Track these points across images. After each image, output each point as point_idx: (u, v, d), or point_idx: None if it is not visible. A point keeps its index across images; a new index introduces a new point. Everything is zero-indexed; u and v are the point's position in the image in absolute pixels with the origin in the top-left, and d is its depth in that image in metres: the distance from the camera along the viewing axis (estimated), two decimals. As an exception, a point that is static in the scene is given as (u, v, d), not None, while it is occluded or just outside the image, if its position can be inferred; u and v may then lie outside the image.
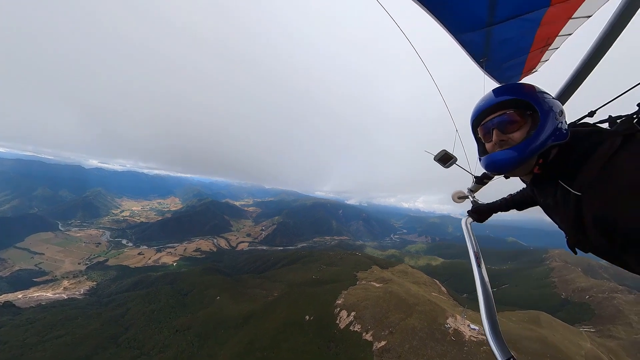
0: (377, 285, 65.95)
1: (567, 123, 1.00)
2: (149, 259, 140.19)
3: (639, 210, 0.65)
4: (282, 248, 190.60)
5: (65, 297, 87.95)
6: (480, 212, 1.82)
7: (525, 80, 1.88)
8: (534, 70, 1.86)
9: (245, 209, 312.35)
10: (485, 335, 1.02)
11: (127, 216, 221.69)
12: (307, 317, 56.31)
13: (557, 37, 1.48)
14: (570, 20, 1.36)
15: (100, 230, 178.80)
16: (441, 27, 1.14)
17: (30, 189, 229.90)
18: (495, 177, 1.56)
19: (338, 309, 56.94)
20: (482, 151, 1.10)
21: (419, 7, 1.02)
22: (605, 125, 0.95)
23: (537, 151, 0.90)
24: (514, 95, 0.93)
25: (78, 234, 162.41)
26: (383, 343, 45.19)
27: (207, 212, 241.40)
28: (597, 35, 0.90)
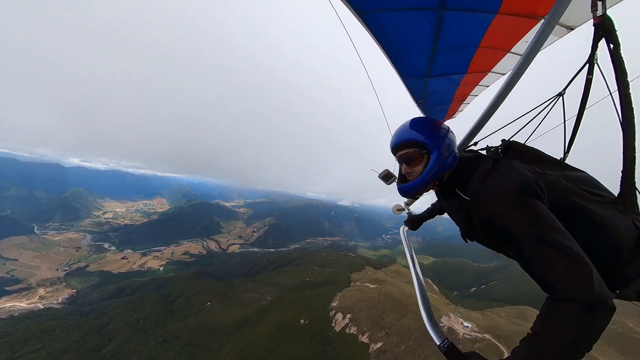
0: (372, 286, 66.38)
1: (464, 149, 1.45)
2: (134, 263, 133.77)
3: (501, 211, 0.97)
4: (274, 250, 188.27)
5: (42, 307, 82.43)
6: (413, 222, 2.23)
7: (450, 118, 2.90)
8: (454, 116, 2.63)
9: (236, 210, 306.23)
10: (424, 323, 1.20)
11: (110, 218, 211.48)
12: (302, 321, 55.68)
13: (477, 86, 2.16)
14: (479, 84, 2.14)
15: (81, 233, 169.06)
16: (393, 69, 1.57)
17: (2, 189, 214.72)
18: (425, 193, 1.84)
19: (333, 312, 56.75)
20: (400, 175, 1.45)
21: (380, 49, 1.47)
22: (485, 151, 1.38)
23: (430, 182, 1.26)
24: (413, 138, 1.23)
25: (56, 238, 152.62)
26: (379, 344, 45.45)
27: (196, 214, 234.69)
28: (498, 90, 1.20)
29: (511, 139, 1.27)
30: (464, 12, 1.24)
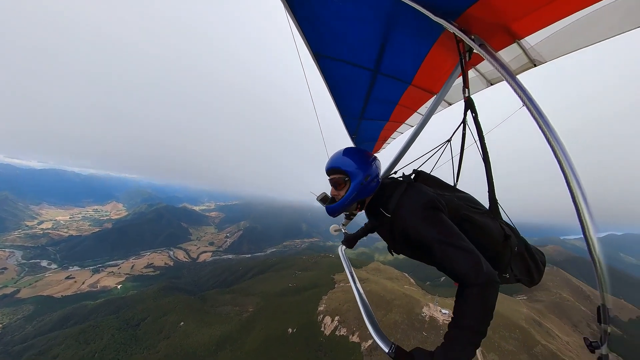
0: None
1: (387, 176, 1.79)
2: (83, 283, 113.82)
3: (414, 223, 1.24)
4: (250, 255, 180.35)
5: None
6: (349, 241, 2.45)
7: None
8: (379, 151, 3.29)
9: (207, 214, 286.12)
10: (370, 333, 1.29)
11: (48, 229, 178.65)
12: (290, 330, 54.10)
13: (396, 132, 2.86)
14: (397, 130, 2.91)
15: (7, 250, 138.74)
16: (335, 107, 1.96)
17: None
18: (357, 214, 2.10)
19: (321, 316, 56.23)
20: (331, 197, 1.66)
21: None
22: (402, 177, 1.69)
23: (349, 205, 1.50)
24: (338, 166, 1.47)
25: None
26: (370, 342, 46.44)
27: (160, 220, 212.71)
28: (408, 136, 1.78)
29: (419, 169, 1.69)
30: (390, 77, 1.74)
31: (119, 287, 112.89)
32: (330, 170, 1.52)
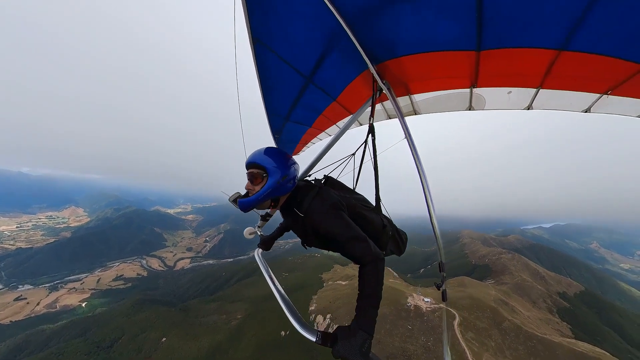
0: (344, 283, 68.82)
1: (303, 179, 1.95)
2: (38, 304, 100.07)
3: (323, 220, 1.51)
4: (232, 260, 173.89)
5: None
6: (266, 243, 2.53)
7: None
8: (298, 153, 3.49)
9: (183, 217, 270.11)
10: (296, 329, 1.37)
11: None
12: (283, 333, 53.51)
13: (316, 137, 3.08)
14: (317, 137, 3.12)
15: None
16: (262, 104, 2.04)
17: None
18: (273, 214, 2.34)
19: (313, 315, 56.64)
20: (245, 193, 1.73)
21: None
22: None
23: (263, 200, 1.59)
24: (258, 161, 1.55)
25: None
26: None
27: (129, 226, 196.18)
28: (325, 145, 2.13)
29: (329, 175, 2.02)
30: (320, 89, 1.96)
31: (83, 305, 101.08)
32: (250, 164, 1.59)
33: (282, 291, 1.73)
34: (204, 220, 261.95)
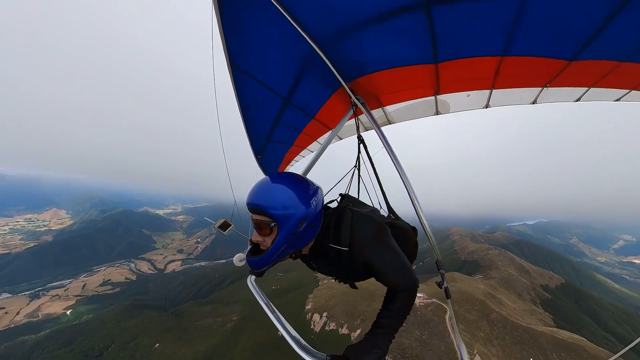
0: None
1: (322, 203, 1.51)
2: (17, 313, 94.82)
3: (376, 252, 1.28)
4: (225, 261, 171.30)
5: None
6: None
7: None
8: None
9: (173, 218, 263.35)
10: (302, 356, 1.29)
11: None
12: (280, 334, 53.21)
13: (305, 150, 3.11)
14: (299, 154, 3.17)
15: None
16: (242, 125, 2.07)
17: None
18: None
19: (310, 314, 57.03)
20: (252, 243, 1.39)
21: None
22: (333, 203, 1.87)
23: (277, 260, 1.24)
24: (262, 206, 1.13)
25: None
26: (359, 331, 49.20)
27: (116, 228, 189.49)
28: (309, 161, 2.17)
29: (345, 193, 1.94)
30: (298, 109, 1.99)
31: (68, 312, 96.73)
32: (253, 208, 1.16)
33: (283, 320, 1.60)
34: (195, 221, 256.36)
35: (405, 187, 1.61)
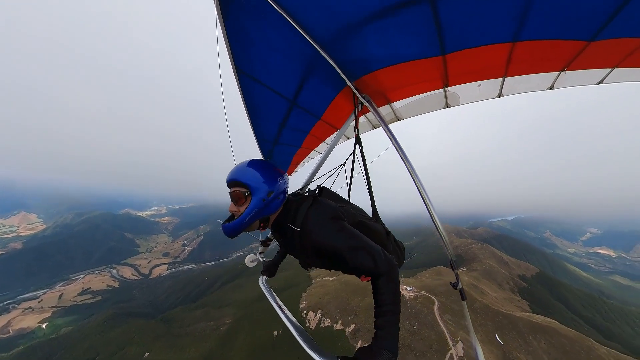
0: (331, 279, 70.80)
1: (295, 194, 1.76)
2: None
3: (325, 236, 1.34)
4: (214, 263, 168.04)
5: None
6: (269, 269, 2.34)
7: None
8: (292, 174, 3.50)
9: (157, 220, 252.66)
10: (313, 357, 1.30)
11: None
12: (276, 333, 53.86)
13: (313, 151, 3.16)
14: (308, 155, 3.19)
15: None
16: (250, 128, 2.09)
17: None
18: (273, 238, 2.35)
19: (304, 312, 57.62)
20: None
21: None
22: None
23: (249, 223, 1.42)
24: (238, 178, 1.38)
25: None
26: (352, 326, 50.75)
27: (94, 232, 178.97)
28: (316, 162, 2.15)
29: (322, 185, 1.93)
30: (304, 110, 2.00)
31: (44, 326, 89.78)
32: (231, 182, 1.41)
33: (294, 320, 1.65)
34: (180, 222, 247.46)
35: (416, 184, 1.60)
